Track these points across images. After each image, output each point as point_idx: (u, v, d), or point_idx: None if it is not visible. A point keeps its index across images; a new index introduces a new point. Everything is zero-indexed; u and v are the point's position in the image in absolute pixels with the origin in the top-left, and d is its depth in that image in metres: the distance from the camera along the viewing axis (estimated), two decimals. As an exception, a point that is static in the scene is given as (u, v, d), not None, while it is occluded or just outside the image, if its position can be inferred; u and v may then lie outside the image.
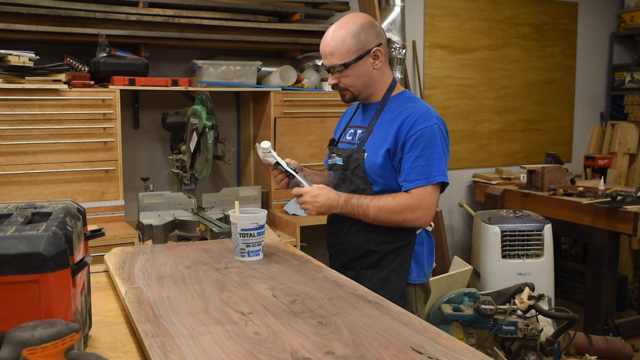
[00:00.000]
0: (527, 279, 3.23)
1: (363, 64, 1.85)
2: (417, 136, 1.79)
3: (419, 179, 1.78)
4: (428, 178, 1.77)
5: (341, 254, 1.95)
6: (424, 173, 1.78)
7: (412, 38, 4.21)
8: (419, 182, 1.77)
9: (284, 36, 3.34)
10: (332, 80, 1.89)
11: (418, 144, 1.78)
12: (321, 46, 1.89)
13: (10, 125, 2.66)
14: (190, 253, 1.77)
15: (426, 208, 1.78)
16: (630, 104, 4.92)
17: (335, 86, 1.91)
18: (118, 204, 2.91)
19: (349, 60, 1.83)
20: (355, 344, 1.09)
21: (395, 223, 1.80)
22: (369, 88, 1.90)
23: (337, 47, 1.83)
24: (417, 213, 1.78)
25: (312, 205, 1.83)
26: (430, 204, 1.79)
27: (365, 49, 1.84)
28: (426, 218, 1.80)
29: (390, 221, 1.80)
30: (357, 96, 1.92)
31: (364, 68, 1.85)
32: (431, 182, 1.78)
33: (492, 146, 4.69)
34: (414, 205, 1.77)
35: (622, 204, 3.42)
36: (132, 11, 2.96)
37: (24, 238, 0.88)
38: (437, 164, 1.79)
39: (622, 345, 3.23)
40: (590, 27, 5.07)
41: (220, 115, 3.32)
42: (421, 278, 1.91)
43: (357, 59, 1.83)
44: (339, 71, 1.86)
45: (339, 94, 1.94)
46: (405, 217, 1.78)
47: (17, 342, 0.77)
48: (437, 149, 1.79)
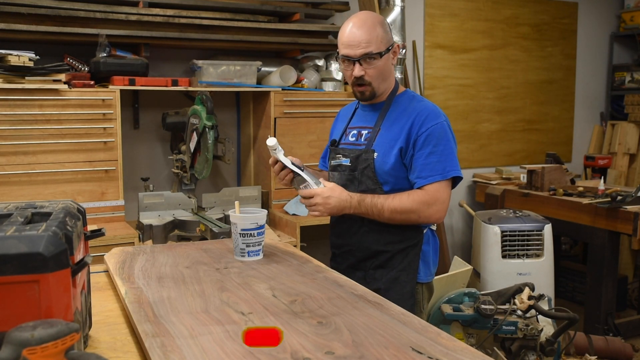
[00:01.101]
0: (527, 279, 3.23)
1: (387, 57, 1.85)
2: (429, 133, 1.79)
3: (433, 174, 1.78)
4: (442, 173, 1.78)
5: (349, 255, 1.95)
6: (438, 169, 1.78)
7: (412, 38, 4.21)
8: (434, 178, 1.78)
9: (284, 36, 3.34)
10: (359, 72, 1.82)
11: (430, 140, 1.79)
12: (349, 37, 1.81)
13: (10, 125, 2.66)
14: (190, 253, 1.77)
15: (441, 203, 1.79)
16: (630, 104, 4.92)
17: (359, 79, 1.84)
18: (118, 204, 2.91)
19: (382, 50, 1.82)
20: (355, 344, 1.09)
21: (411, 220, 1.80)
22: (385, 84, 1.89)
23: (372, 35, 1.80)
24: (432, 209, 1.78)
25: (324, 207, 1.78)
26: (444, 199, 1.79)
27: (391, 42, 1.85)
28: (441, 213, 1.80)
29: (405, 220, 1.79)
30: (376, 92, 1.88)
31: (388, 61, 1.87)
32: (445, 177, 1.79)
33: (492, 146, 4.69)
34: (429, 201, 1.77)
35: (622, 204, 3.42)
36: (132, 11, 2.96)
37: (24, 238, 0.88)
38: (449, 159, 1.80)
39: (622, 345, 3.23)
40: (590, 27, 5.07)
41: (220, 115, 3.32)
42: (428, 277, 1.93)
43: (386, 50, 1.83)
44: (367, 62, 1.81)
45: (357, 91, 1.87)
46: (420, 214, 1.78)
47: (17, 342, 0.77)
48: (448, 145, 1.80)
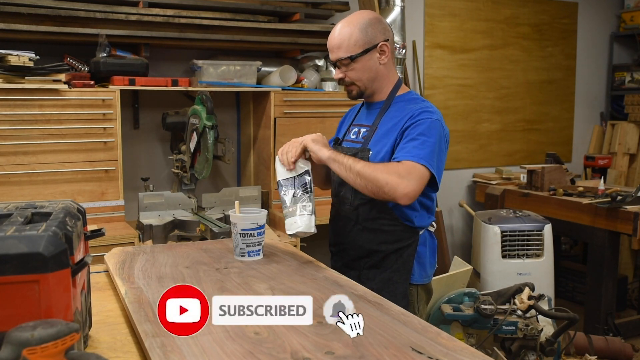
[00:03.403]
0: (527, 279, 3.23)
1: (369, 57, 1.85)
2: (417, 124, 1.77)
3: (404, 155, 1.73)
4: (414, 157, 1.72)
5: (343, 254, 1.95)
6: (412, 152, 1.73)
7: (412, 38, 4.21)
8: (404, 158, 1.73)
9: (284, 36, 3.34)
10: (338, 75, 1.88)
11: (415, 129, 1.77)
12: (328, 41, 1.88)
13: (10, 125, 2.66)
14: (190, 253, 1.77)
15: (412, 180, 1.69)
16: (630, 104, 4.92)
17: (341, 81, 1.90)
18: (118, 204, 2.91)
19: (355, 53, 1.83)
20: (355, 344, 1.09)
21: (378, 184, 1.69)
22: (375, 83, 1.89)
23: (344, 40, 1.83)
24: (403, 181, 1.68)
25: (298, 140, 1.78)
26: (417, 179, 1.70)
27: (372, 43, 1.84)
28: (408, 190, 1.69)
29: (373, 179, 1.70)
30: (364, 92, 1.90)
31: (370, 62, 1.85)
32: (416, 161, 1.71)
33: (492, 146, 4.69)
34: (402, 172, 1.70)
35: (622, 204, 3.42)
36: (132, 11, 2.96)
37: (24, 238, 0.88)
38: (427, 150, 1.73)
39: (622, 345, 3.23)
40: (590, 27, 5.07)
41: (220, 115, 3.32)
42: (423, 279, 1.90)
43: (363, 52, 1.83)
44: (345, 64, 1.85)
45: (346, 90, 1.93)
46: (389, 179, 1.68)
47: (17, 342, 0.77)
48: (431, 139, 1.75)
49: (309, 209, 1.72)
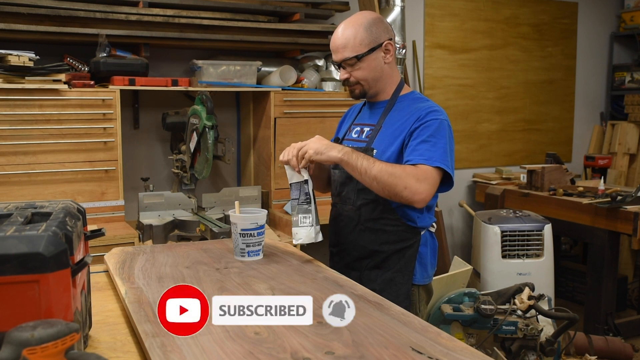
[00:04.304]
0: (527, 279, 3.23)
1: (375, 57, 1.85)
2: (426, 125, 1.78)
3: (418, 158, 1.74)
4: (428, 160, 1.73)
5: (345, 254, 1.94)
6: (425, 155, 1.74)
7: (412, 38, 4.21)
8: (419, 161, 1.74)
9: (284, 36, 3.34)
10: (343, 75, 1.88)
11: (424, 131, 1.77)
12: (332, 42, 1.88)
13: (10, 125, 2.66)
14: (190, 253, 1.77)
15: (429, 184, 1.72)
16: (630, 104, 4.92)
17: (346, 81, 1.89)
18: (118, 204, 2.91)
19: (362, 52, 1.83)
20: (355, 344, 1.09)
21: (395, 189, 1.70)
22: (379, 83, 1.89)
23: (349, 39, 1.83)
24: (421, 184, 1.70)
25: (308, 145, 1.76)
26: (432, 183, 1.73)
27: (377, 42, 1.84)
28: (426, 194, 1.72)
29: (391, 183, 1.70)
30: (367, 91, 1.90)
31: (375, 62, 1.86)
32: (431, 164, 1.73)
33: (492, 146, 4.69)
34: (420, 175, 1.71)
35: (622, 204, 3.42)
36: (132, 11, 2.96)
37: (24, 238, 0.88)
38: (439, 152, 1.75)
39: (622, 345, 3.23)
40: (590, 27, 5.07)
41: (220, 115, 3.32)
42: (425, 279, 1.90)
43: (370, 51, 1.83)
44: (350, 64, 1.85)
45: (349, 89, 1.93)
46: (407, 184, 1.69)
47: (17, 342, 0.77)
48: (442, 140, 1.77)
49: (309, 220, 1.76)
